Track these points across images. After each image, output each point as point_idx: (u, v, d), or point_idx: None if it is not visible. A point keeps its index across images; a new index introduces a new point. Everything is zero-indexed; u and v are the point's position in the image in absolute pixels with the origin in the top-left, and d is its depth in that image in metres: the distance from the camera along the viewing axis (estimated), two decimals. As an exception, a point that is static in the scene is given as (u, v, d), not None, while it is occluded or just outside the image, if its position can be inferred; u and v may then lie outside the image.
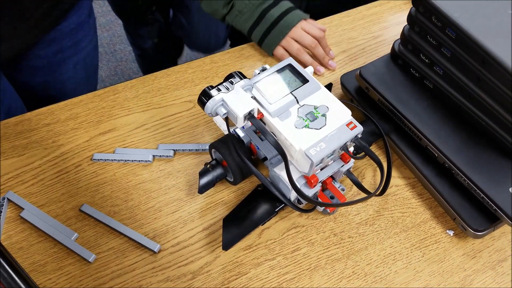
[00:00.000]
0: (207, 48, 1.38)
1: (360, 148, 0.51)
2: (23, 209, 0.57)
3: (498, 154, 0.57)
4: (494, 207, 0.54)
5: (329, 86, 0.67)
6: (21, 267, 0.39)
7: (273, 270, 0.54)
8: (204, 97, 0.49)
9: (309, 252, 0.56)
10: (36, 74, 0.78)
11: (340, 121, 0.50)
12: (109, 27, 1.91)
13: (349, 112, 0.51)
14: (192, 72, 0.72)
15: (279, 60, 0.73)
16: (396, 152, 0.63)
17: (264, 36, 0.72)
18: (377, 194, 0.54)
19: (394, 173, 0.63)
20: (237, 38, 1.28)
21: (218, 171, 0.57)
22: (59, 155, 0.62)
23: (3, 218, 0.57)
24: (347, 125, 0.50)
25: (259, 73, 0.54)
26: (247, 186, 0.60)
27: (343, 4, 0.85)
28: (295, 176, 0.52)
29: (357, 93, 0.67)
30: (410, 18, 0.60)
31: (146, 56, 1.46)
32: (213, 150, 0.58)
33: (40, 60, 0.76)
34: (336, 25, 0.80)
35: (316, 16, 0.79)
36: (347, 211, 0.59)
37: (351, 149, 0.55)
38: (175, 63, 1.50)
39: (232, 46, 1.30)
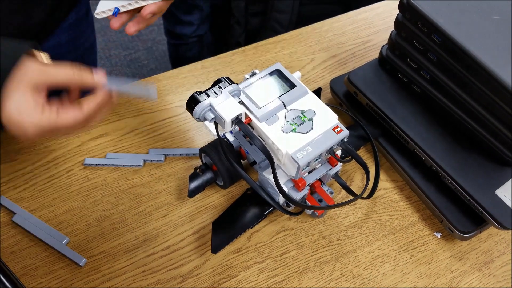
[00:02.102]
0: None
1: (347, 152, 0.52)
2: (14, 213, 0.58)
3: (484, 157, 0.58)
4: (480, 209, 0.54)
5: (318, 91, 0.68)
6: (12, 271, 0.39)
7: (262, 273, 0.55)
8: (192, 102, 0.49)
9: (298, 254, 0.56)
10: None
11: (326, 125, 0.51)
12: (104, 32, 1.92)
13: (335, 116, 0.52)
14: (183, 77, 0.73)
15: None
16: (384, 156, 0.64)
17: None
18: (364, 197, 0.55)
19: (382, 176, 0.63)
20: (229, 43, 1.29)
21: (208, 175, 0.58)
22: (51, 160, 0.63)
23: (-6, 222, 0.57)
24: (334, 129, 0.50)
25: (248, 78, 0.55)
26: (236, 190, 0.61)
27: (333, 10, 0.86)
28: (283, 179, 0.53)
29: (346, 97, 0.67)
30: (397, 23, 0.61)
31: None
32: (203, 154, 0.59)
33: None
34: (326, 30, 0.81)
35: (306, 21, 0.80)
36: (335, 214, 0.60)
37: (339, 152, 0.56)
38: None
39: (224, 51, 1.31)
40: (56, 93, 0.48)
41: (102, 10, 0.56)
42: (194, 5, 1.29)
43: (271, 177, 0.54)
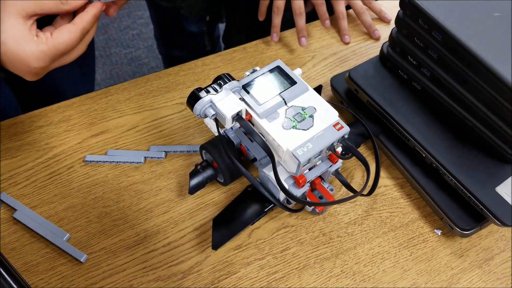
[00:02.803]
0: None
1: (347, 149, 0.52)
2: (15, 210, 0.58)
3: (485, 154, 0.58)
4: (481, 206, 0.54)
5: (318, 88, 0.68)
6: (13, 267, 0.40)
7: (262, 270, 0.55)
8: (193, 98, 0.49)
9: (298, 251, 0.57)
10: None
11: (327, 122, 0.51)
12: (105, 31, 1.92)
13: (336, 113, 0.52)
14: (184, 74, 0.73)
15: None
16: (385, 153, 0.64)
17: None
18: (365, 194, 0.55)
19: (382, 173, 0.63)
20: (229, 41, 1.29)
21: (209, 172, 0.58)
22: (51, 157, 0.63)
23: (-5, 219, 0.57)
24: (334, 126, 0.51)
25: (249, 75, 0.55)
26: (237, 186, 0.61)
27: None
28: (283, 176, 0.53)
29: (347, 95, 0.67)
30: (397, 20, 0.61)
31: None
32: (203, 151, 0.59)
33: None
34: (327, 28, 0.81)
35: (308, 19, 0.79)
36: (336, 211, 0.60)
37: (339, 149, 0.56)
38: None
39: (224, 49, 1.31)
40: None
41: None
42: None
43: (271, 174, 0.54)
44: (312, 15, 0.82)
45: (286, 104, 0.52)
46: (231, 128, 0.57)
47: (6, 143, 0.64)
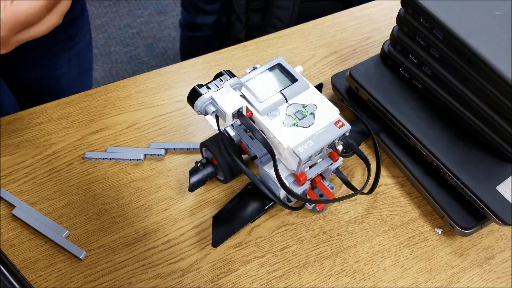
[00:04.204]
0: None
1: (348, 146, 0.52)
2: (14, 206, 0.58)
3: (486, 153, 0.58)
4: (482, 205, 0.54)
5: (319, 86, 0.68)
6: (13, 263, 0.39)
7: (262, 267, 0.55)
8: (193, 95, 0.49)
9: (298, 249, 0.56)
10: (31, 70, 0.78)
11: (328, 120, 0.51)
12: (104, 29, 1.92)
13: (337, 110, 0.52)
14: (184, 72, 0.73)
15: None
16: (385, 151, 0.64)
17: None
18: (365, 192, 0.55)
19: (383, 172, 0.63)
20: (230, 40, 1.29)
21: (209, 170, 0.58)
22: (51, 153, 0.63)
23: (-6, 215, 0.57)
24: (335, 123, 0.50)
25: (249, 72, 0.55)
26: (237, 184, 0.61)
27: (334, 7, 0.86)
28: (284, 174, 0.53)
29: (347, 93, 0.67)
30: (399, 18, 0.61)
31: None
32: (203, 148, 0.59)
33: (34, 52, 0.76)
34: (328, 26, 0.81)
35: (307, 18, 0.79)
36: (336, 209, 0.60)
37: (340, 147, 0.56)
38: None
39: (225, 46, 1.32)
40: None
41: None
42: None
43: (272, 172, 0.54)
44: (312, 15, 0.82)
45: (287, 101, 0.52)
46: (232, 125, 0.57)
47: (5, 139, 0.64)
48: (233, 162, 0.54)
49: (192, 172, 0.57)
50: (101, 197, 0.59)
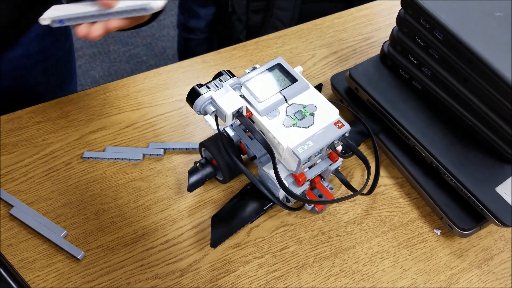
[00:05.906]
0: None
1: (348, 147, 0.52)
2: (12, 206, 0.57)
3: (485, 154, 0.58)
4: (481, 206, 0.54)
5: (319, 87, 0.68)
6: (10, 263, 0.39)
7: (261, 268, 0.55)
8: (193, 95, 0.49)
9: (297, 250, 0.56)
10: (2, 78, 0.75)
11: (328, 120, 0.50)
12: (103, 28, 1.91)
13: (336, 111, 0.51)
14: (183, 71, 0.72)
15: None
16: (385, 152, 0.64)
17: None
18: (364, 193, 0.55)
19: (382, 172, 0.63)
20: (230, 40, 1.29)
21: (208, 170, 0.57)
22: (49, 153, 0.63)
23: (-8, 215, 0.57)
24: (335, 124, 0.50)
25: (249, 72, 0.55)
26: (236, 184, 0.61)
27: (334, 7, 0.85)
28: (283, 174, 0.53)
29: (347, 93, 0.67)
30: (399, 19, 0.61)
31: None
32: (203, 148, 0.58)
33: (5, 62, 0.73)
34: (327, 27, 0.81)
35: (308, 19, 0.79)
36: (335, 210, 0.60)
37: (339, 148, 0.56)
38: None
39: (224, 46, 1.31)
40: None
41: (49, 16, 0.51)
42: None
43: (271, 172, 0.54)
44: (313, 16, 0.82)
45: (286, 101, 0.52)
46: (231, 125, 0.57)
47: (3, 138, 0.63)
48: (232, 162, 0.53)
49: (191, 172, 0.57)
50: (99, 197, 0.59)
